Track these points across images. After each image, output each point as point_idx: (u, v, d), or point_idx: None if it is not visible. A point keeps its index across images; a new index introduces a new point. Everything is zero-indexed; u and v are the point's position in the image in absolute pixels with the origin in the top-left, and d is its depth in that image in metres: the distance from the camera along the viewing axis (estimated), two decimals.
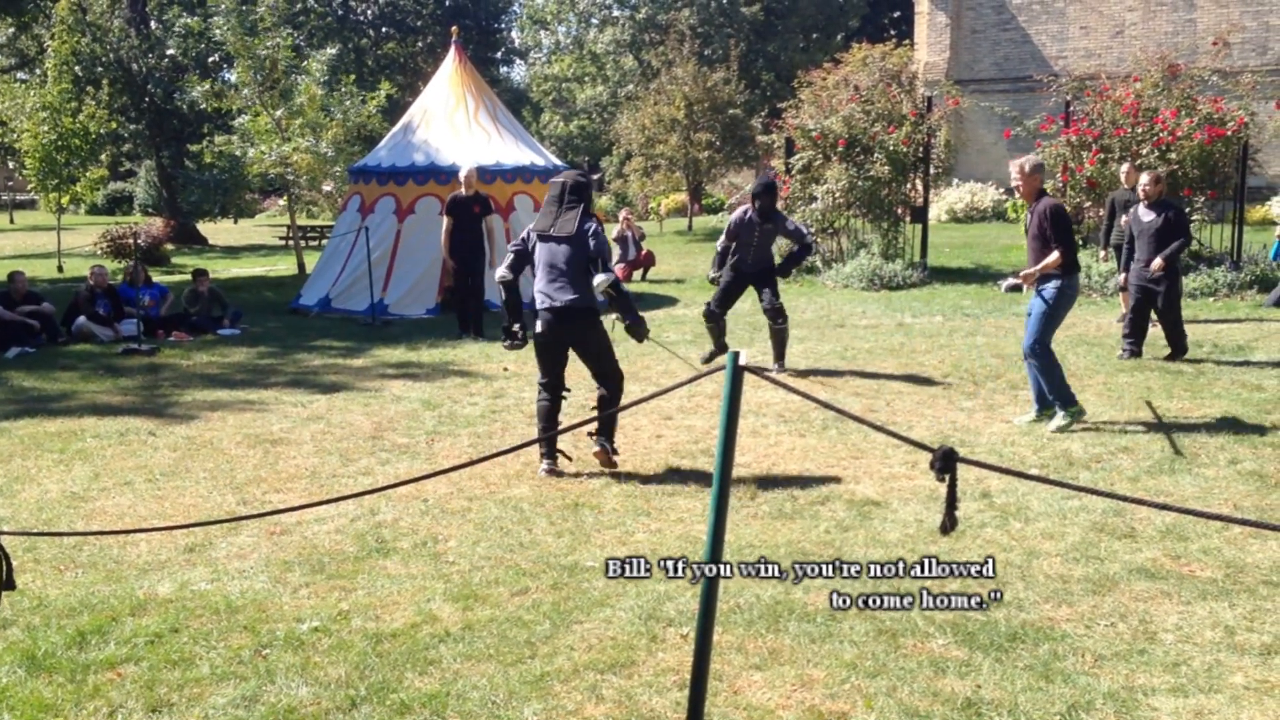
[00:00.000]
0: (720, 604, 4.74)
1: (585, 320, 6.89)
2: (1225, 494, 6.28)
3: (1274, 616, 4.60)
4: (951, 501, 3.45)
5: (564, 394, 7.10)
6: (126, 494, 6.76)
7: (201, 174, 23.12)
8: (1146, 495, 6.28)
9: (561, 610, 4.83)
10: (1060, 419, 7.81)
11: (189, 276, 14.55)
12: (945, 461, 3.29)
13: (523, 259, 7.05)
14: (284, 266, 23.49)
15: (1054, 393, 7.86)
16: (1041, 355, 7.85)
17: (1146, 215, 10.19)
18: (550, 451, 6.99)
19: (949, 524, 3.48)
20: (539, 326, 6.93)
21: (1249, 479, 6.53)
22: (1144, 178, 10.35)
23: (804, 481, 6.71)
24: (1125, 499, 3.30)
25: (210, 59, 30.67)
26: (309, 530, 5.98)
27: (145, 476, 7.13)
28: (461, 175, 13.04)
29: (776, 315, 10.07)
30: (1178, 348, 10.18)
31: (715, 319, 10.38)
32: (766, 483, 6.70)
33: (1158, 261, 9.98)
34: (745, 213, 10.00)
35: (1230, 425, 7.77)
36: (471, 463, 4.55)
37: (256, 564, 5.49)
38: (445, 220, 12.92)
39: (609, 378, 7.01)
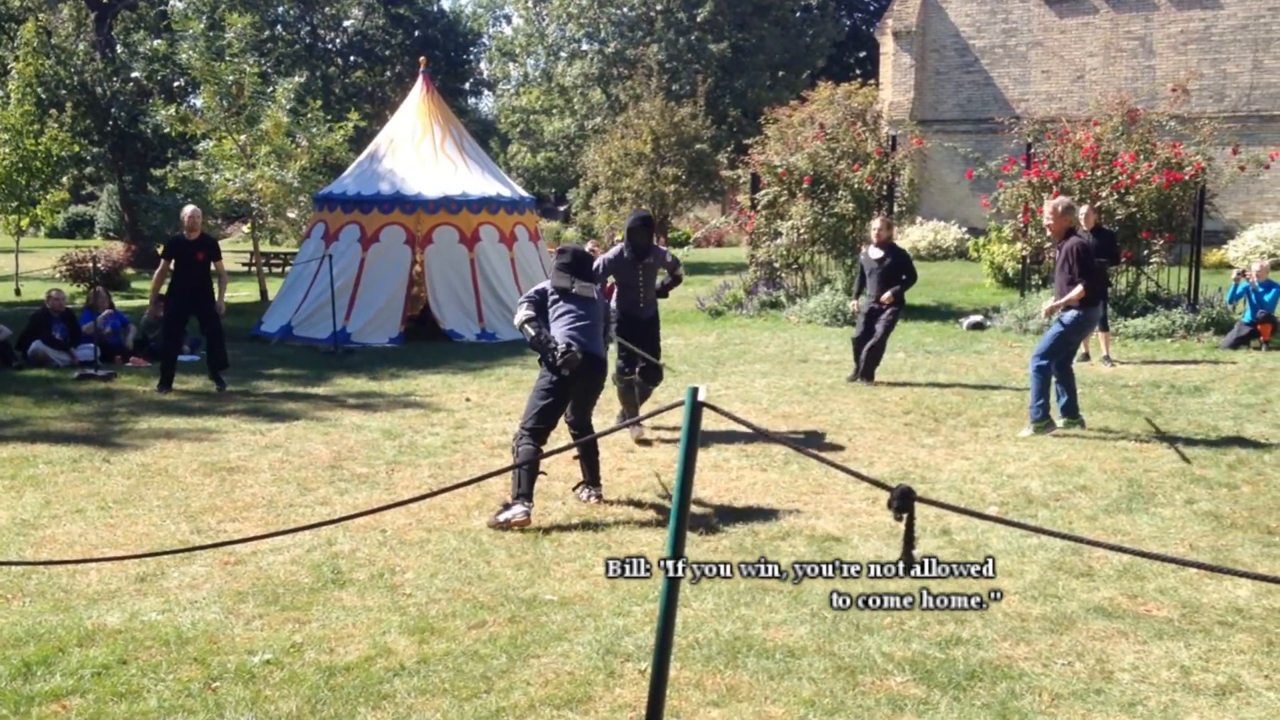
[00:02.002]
0: (679, 639, 4.72)
1: (601, 371, 7.08)
2: (1182, 534, 6.33)
3: (1229, 657, 4.63)
4: (909, 540, 3.45)
5: (543, 448, 6.70)
6: (78, 522, 6.64)
7: (164, 199, 22.96)
8: (1104, 534, 6.32)
9: (519, 644, 4.78)
10: (1028, 429, 8.82)
11: (149, 302, 14.37)
12: (903, 500, 3.30)
13: (540, 307, 7.01)
14: (246, 293, 23.28)
15: (1034, 406, 8.80)
16: (1042, 370, 8.68)
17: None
18: (529, 494, 6.55)
19: (907, 563, 3.49)
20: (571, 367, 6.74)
21: (1205, 519, 6.59)
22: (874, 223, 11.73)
23: (765, 516, 6.70)
24: (1082, 540, 3.31)
25: (176, 83, 30.50)
26: (264, 560, 5.89)
27: (97, 504, 7.01)
28: (185, 216, 11.44)
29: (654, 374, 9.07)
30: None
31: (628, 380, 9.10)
32: (727, 516, 6.69)
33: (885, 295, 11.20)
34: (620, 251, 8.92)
35: (1186, 466, 7.85)
36: (431, 494, 4.51)
37: (209, 594, 5.40)
38: (162, 263, 11.39)
39: (589, 421, 7.20)
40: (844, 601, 4.49)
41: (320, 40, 45.66)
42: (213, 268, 11.37)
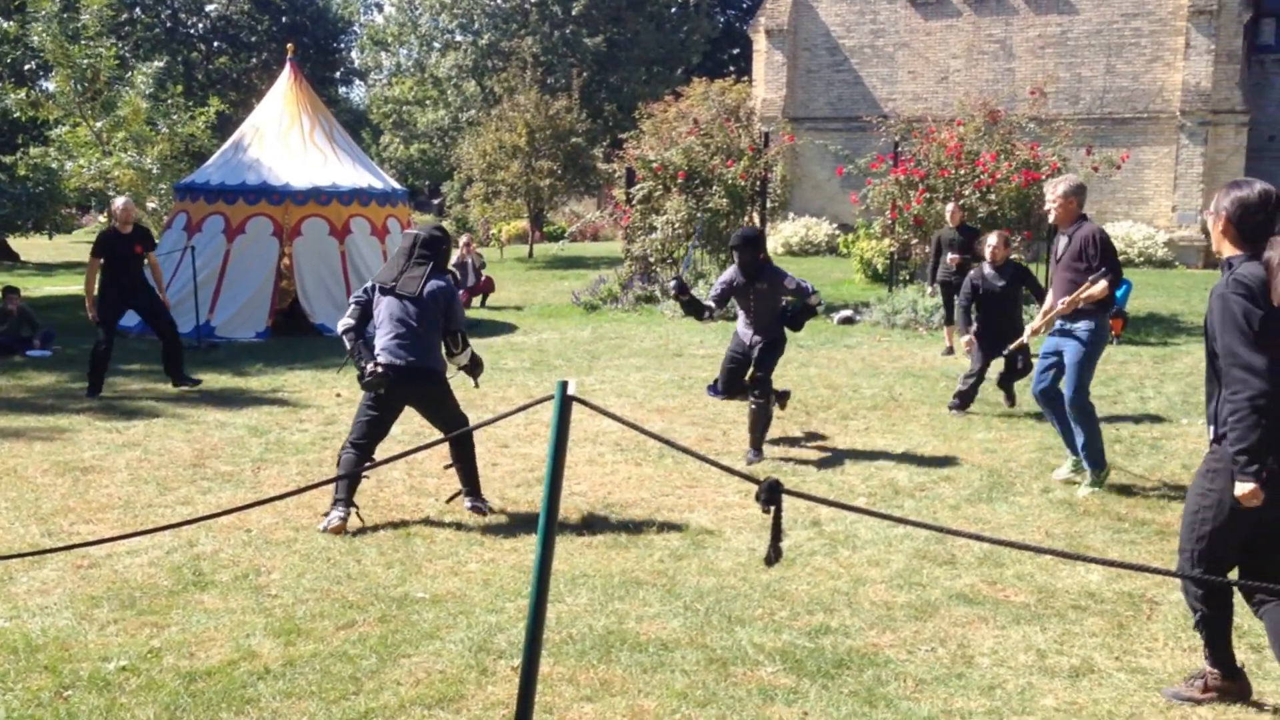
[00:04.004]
0: (552, 635, 4.70)
1: (428, 381, 6.50)
2: (1038, 522, 6.56)
3: (1082, 640, 4.81)
4: (776, 533, 3.49)
5: (370, 460, 6.45)
6: None
7: (14, 186, 21.93)
8: (966, 523, 6.51)
9: (389, 644, 4.70)
10: (1091, 481, 7.16)
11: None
12: (770, 493, 3.34)
13: (366, 311, 6.60)
14: None
15: (1089, 449, 7.12)
16: (1087, 406, 7.09)
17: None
18: (347, 500, 6.32)
19: (774, 555, 3.53)
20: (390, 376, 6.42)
21: (1059, 507, 6.84)
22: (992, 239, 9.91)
23: (639, 510, 6.72)
24: (945, 530, 3.40)
25: (26, 66, 29.19)
26: (120, 563, 5.67)
27: None
28: (117, 208, 10.65)
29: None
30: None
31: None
32: (601, 511, 6.69)
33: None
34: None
35: (1043, 456, 8.14)
36: (299, 490, 4.40)
37: (60, 599, 5.18)
38: (92, 260, 10.69)
39: (455, 424, 6.57)
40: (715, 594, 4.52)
41: (182, 24, 44.22)
42: (146, 261, 10.83)
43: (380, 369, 6.35)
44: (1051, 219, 7.28)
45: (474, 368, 6.84)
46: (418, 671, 4.44)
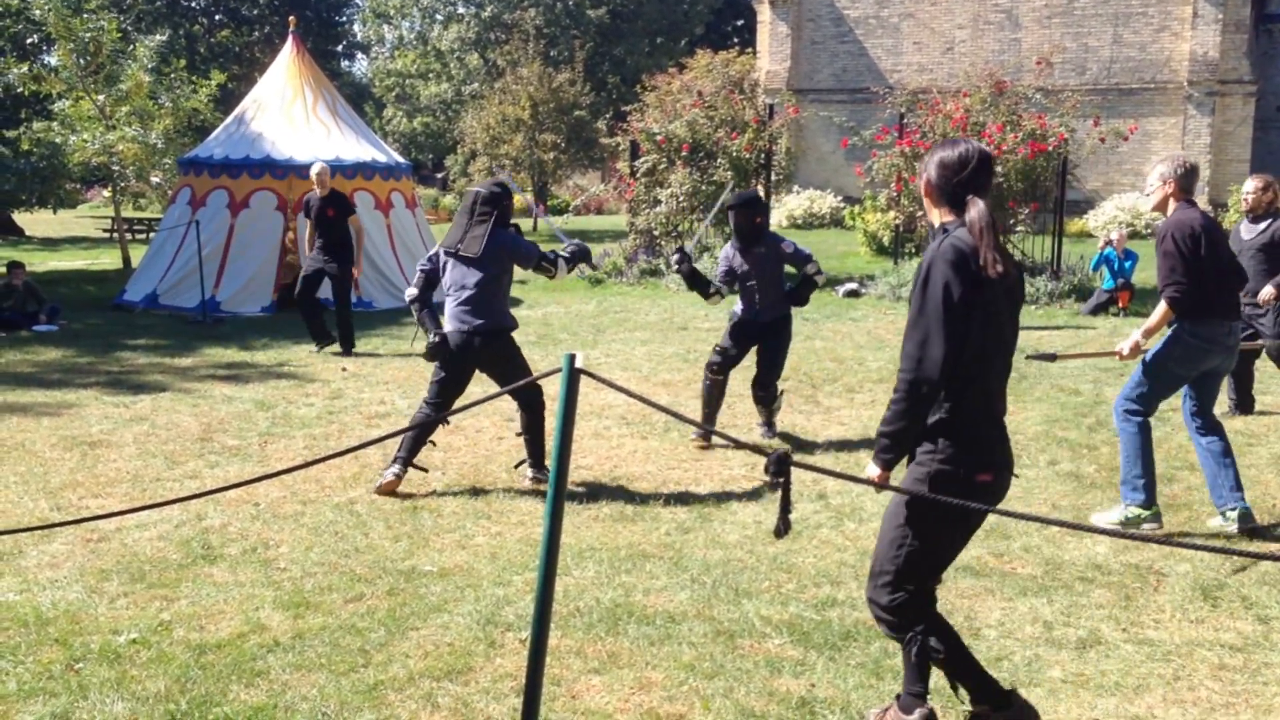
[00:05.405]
0: (560, 608, 4.71)
1: (498, 342, 6.44)
2: (1045, 494, 6.56)
3: (1089, 612, 4.82)
4: (785, 505, 3.49)
5: (445, 420, 6.58)
6: None
7: (18, 161, 21.86)
8: None
9: (397, 617, 4.72)
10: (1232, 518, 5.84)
11: (3, 269, 13.73)
12: (779, 465, 3.33)
13: (432, 278, 6.59)
14: (108, 260, 22.43)
15: (1224, 490, 5.82)
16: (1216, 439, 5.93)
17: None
18: (406, 459, 6.43)
19: (782, 527, 3.53)
20: (451, 346, 6.43)
21: (1066, 479, 6.84)
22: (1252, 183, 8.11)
23: (645, 483, 6.73)
24: (950, 501, 3.39)
25: (29, 40, 29.06)
26: (129, 537, 5.69)
27: None
28: (311, 174, 11.68)
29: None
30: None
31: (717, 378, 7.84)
32: (608, 484, 6.70)
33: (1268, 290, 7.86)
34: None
35: (1049, 428, 8.13)
36: (306, 464, 4.40)
37: (70, 573, 5.20)
38: (304, 222, 11.62)
39: (527, 387, 6.48)
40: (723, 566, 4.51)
41: None
42: (348, 225, 11.58)
43: (438, 338, 6.39)
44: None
45: (581, 263, 6.90)
46: (426, 644, 4.46)
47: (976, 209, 3.41)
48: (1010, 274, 3.42)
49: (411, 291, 6.66)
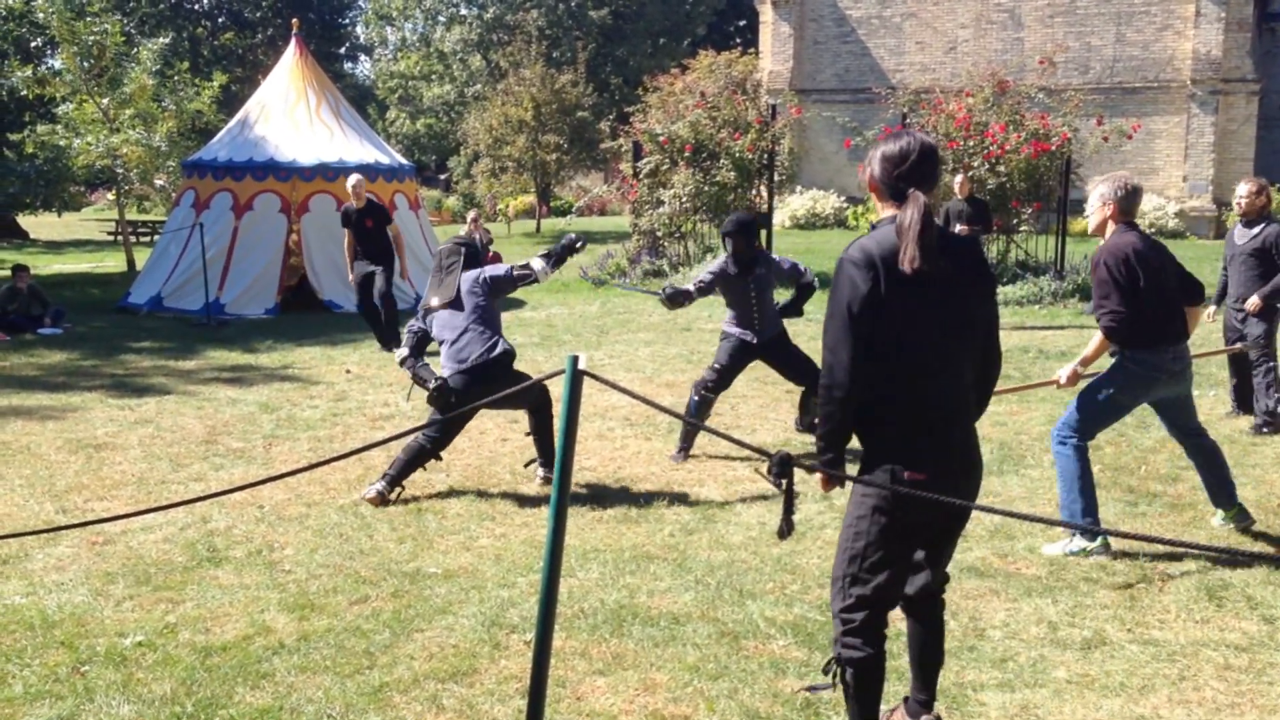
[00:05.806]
0: (564, 609, 4.72)
1: (497, 368, 6.48)
2: (1049, 494, 6.55)
3: (1093, 612, 4.82)
4: (789, 506, 3.50)
5: (438, 457, 6.59)
6: None
7: (22, 164, 21.90)
8: (978, 496, 6.50)
9: (402, 619, 4.73)
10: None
11: (8, 273, 13.75)
12: (782, 467, 3.33)
13: (423, 339, 6.65)
14: (112, 263, 22.48)
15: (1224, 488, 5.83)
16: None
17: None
18: (395, 479, 6.45)
19: (786, 528, 3.53)
20: (456, 387, 6.43)
21: None
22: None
23: (649, 484, 6.74)
24: (955, 502, 3.40)
25: (33, 43, 29.12)
26: (134, 540, 5.71)
27: None
28: (350, 186, 11.88)
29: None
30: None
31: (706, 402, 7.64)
32: (612, 486, 6.71)
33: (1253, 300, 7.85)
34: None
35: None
36: (310, 467, 4.40)
37: (76, 576, 5.21)
38: (345, 234, 11.94)
39: (536, 398, 6.59)
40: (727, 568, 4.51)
41: (186, 0, 44.02)
42: (387, 234, 11.98)
43: (440, 382, 6.41)
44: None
45: (566, 255, 6.94)
46: (431, 646, 4.47)
47: (914, 204, 3.25)
48: (939, 270, 3.24)
49: (402, 352, 6.66)
